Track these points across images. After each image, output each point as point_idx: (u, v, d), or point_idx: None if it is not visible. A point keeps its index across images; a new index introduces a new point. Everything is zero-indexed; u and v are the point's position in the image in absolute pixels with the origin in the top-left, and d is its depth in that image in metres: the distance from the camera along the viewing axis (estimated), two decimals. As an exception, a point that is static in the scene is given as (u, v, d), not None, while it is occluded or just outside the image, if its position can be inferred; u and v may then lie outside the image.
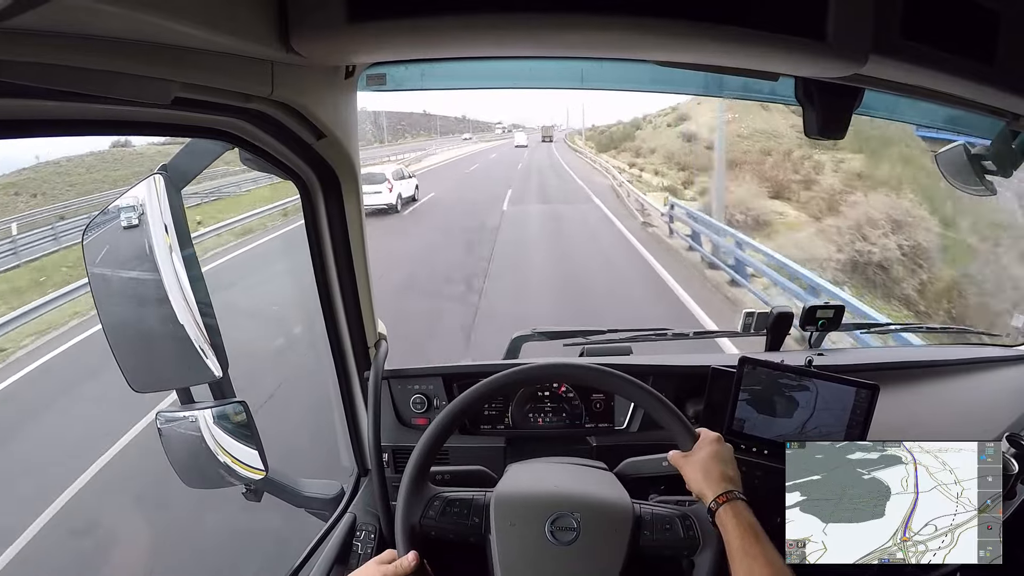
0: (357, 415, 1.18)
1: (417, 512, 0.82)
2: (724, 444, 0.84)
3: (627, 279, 7.39)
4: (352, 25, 0.51)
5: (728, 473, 0.80)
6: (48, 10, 0.32)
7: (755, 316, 1.48)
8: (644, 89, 1.05)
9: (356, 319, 1.09)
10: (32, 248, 8.51)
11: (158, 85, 0.50)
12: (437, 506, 0.83)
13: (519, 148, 43.06)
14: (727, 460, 0.82)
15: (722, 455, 0.82)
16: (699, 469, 0.81)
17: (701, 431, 0.86)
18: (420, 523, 0.82)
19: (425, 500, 0.84)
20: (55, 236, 8.80)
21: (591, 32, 0.55)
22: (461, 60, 0.97)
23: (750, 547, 0.72)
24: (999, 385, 1.36)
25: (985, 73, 0.68)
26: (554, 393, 1.27)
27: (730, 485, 0.78)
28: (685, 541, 0.81)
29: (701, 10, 0.53)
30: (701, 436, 0.85)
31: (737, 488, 0.78)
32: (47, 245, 8.65)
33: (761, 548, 0.72)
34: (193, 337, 0.79)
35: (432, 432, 0.86)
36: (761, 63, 0.66)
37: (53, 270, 7.77)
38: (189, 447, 0.85)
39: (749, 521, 0.74)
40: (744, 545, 0.72)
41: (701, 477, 0.80)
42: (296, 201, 0.97)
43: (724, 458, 0.82)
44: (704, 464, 0.81)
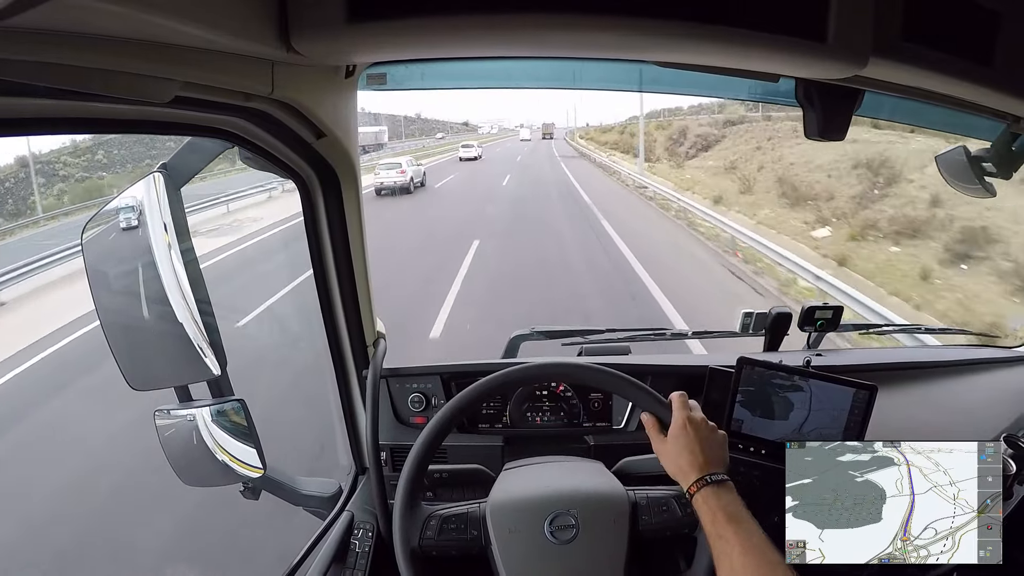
0: (355, 413, 1.18)
1: (415, 535, 0.82)
2: (692, 428, 0.80)
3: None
4: (352, 25, 0.51)
5: (697, 460, 0.77)
6: (48, 9, 0.32)
7: (753, 316, 1.48)
8: (643, 90, 1.05)
9: (355, 318, 1.09)
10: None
11: (158, 84, 0.50)
12: (434, 525, 0.83)
13: (524, 142, 54.81)
14: (698, 446, 0.78)
15: (690, 444, 0.78)
16: (671, 463, 0.80)
17: (674, 404, 0.82)
18: (420, 545, 0.82)
19: (420, 521, 0.83)
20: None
21: (591, 32, 0.55)
22: (461, 60, 0.97)
23: (721, 529, 0.71)
24: (998, 386, 1.37)
25: (985, 75, 0.68)
26: (552, 392, 1.27)
27: (700, 471, 0.76)
28: (684, 519, 0.82)
29: (701, 11, 0.53)
30: (674, 418, 0.81)
31: (712, 468, 0.76)
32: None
33: (734, 528, 0.70)
34: (191, 335, 0.79)
35: (427, 436, 0.86)
36: (761, 64, 0.66)
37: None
38: (187, 445, 0.85)
39: (720, 503, 0.73)
40: (716, 529, 0.71)
41: (674, 470, 0.79)
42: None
43: (692, 447, 0.78)
44: (675, 458, 0.79)
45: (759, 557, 0.68)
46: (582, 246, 8.90)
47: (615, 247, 8.76)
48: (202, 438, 0.85)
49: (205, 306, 0.79)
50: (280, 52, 0.54)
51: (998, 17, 0.67)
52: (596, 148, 35.82)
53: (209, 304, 0.79)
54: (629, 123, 40.09)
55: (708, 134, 23.41)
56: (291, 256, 7.91)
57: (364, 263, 1.06)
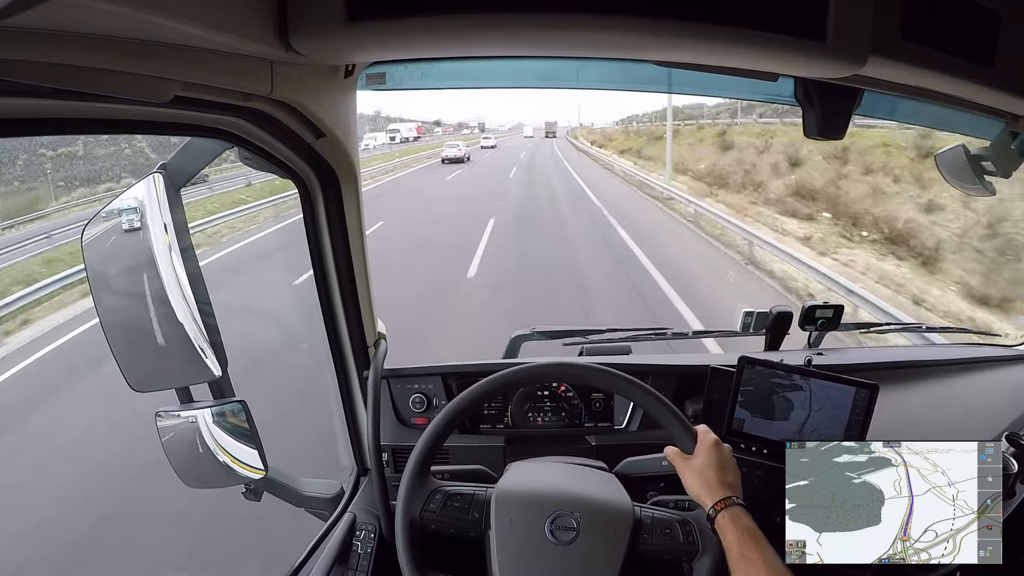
0: (356, 414, 1.18)
1: (418, 505, 0.83)
2: (723, 448, 0.83)
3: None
4: (351, 24, 0.51)
5: (727, 479, 0.79)
6: (47, 9, 0.32)
7: (754, 316, 1.48)
8: (643, 89, 1.05)
9: (356, 318, 1.09)
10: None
11: (158, 84, 0.50)
12: (438, 499, 0.84)
13: (527, 138, 60.47)
14: (725, 465, 0.81)
15: (720, 461, 0.81)
16: (697, 475, 0.80)
17: (699, 429, 0.85)
18: (420, 516, 0.82)
19: (426, 493, 0.84)
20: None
21: (590, 32, 0.55)
22: (461, 60, 0.97)
23: (748, 551, 0.72)
24: (999, 384, 1.36)
25: (984, 74, 0.68)
26: (553, 392, 1.27)
27: (728, 491, 0.78)
28: (684, 546, 0.81)
29: (701, 10, 0.53)
30: (699, 438, 0.84)
31: (736, 494, 0.78)
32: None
33: (760, 552, 0.72)
34: (192, 336, 0.79)
35: (433, 430, 0.86)
36: (760, 63, 0.66)
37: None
38: (189, 446, 0.85)
39: (747, 526, 0.74)
40: (742, 550, 0.72)
41: (700, 484, 0.80)
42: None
43: (722, 464, 0.81)
44: (702, 471, 0.80)
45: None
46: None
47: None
48: (204, 440, 0.85)
49: (206, 307, 0.79)
50: (279, 52, 0.54)
51: (997, 16, 0.67)
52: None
53: (209, 304, 0.79)
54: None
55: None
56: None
57: (364, 263, 1.06)
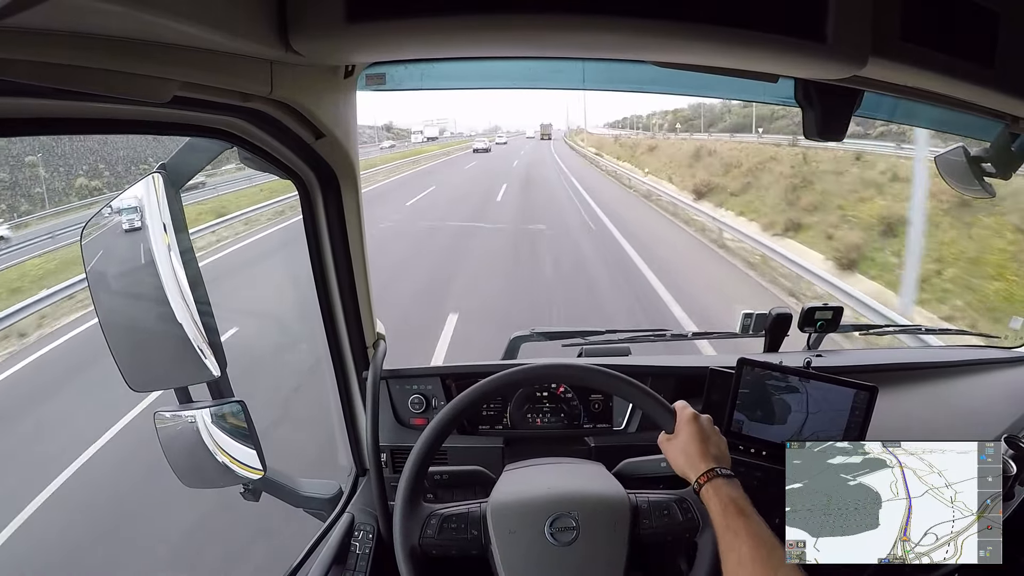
0: (355, 415, 1.18)
1: (415, 533, 0.82)
2: (701, 420, 0.83)
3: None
4: (351, 25, 0.51)
5: (709, 451, 0.80)
6: (48, 9, 0.32)
7: (753, 317, 1.48)
8: (643, 90, 1.05)
9: (355, 319, 1.09)
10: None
11: (157, 84, 0.50)
12: (434, 524, 0.83)
13: (528, 139, 63.83)
14: (706, 437, 0.81)
15: (700, 434, 0.82)
16: (680, 452, 0.81)
17: (677, 406, 0.86)
18: (420, 544, 0.82)
19: (421, 520, 0.83)
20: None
21: (590, 33, 0.55)
22: (461, 60, 0.97)
23: (732, 521, 0.72)
24: (998, 386, 1.36)
25: (984, 75, 0.68)
26: (552, 394, 1.27)
27: (712, 463, 0.78)
28: (684, 524, 0.81)
29: (701, 11, 0.53)
30: (678, 415, 0.84)
31: (720, 463, 0.78)
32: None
33: (744, 521, 0.71)
34: (191, 336, 0.79)
35: (428, 437, 0.86)
36: (760, 64, 0.66)
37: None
38: (187, 447, 0.85)
39: (731, 495, 0.74)
40: (727, 520, 0.72)
41: (684, 460, 0.81)
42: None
43: (703, 436, 0.81)
44: (685, 447, 0.81)
45: (768, 551, 0.69)
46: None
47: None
48: (202, 440, 0.85)
49: (205, 307, 0.79)
50: (279, 52, 0.54)
51: (997, 17, 0.67)
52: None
53: (209, 305, 0.79)
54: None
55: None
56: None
57: (364, 264, 1.06)
